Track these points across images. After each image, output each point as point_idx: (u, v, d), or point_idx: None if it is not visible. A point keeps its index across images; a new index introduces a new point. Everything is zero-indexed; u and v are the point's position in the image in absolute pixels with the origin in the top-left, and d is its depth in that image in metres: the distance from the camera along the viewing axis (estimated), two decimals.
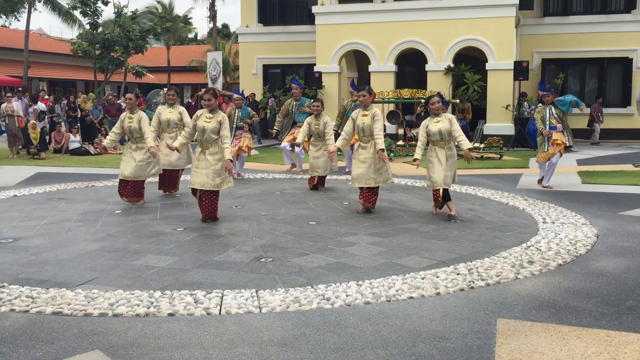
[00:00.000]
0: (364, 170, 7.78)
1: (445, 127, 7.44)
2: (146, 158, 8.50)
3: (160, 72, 34.69)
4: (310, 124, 10.01)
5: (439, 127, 7.48)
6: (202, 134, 7.22)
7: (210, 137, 7.18)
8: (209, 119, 7.22)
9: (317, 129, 9.97)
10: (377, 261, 5.55)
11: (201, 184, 7.15)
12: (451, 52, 18.49)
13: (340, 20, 19.38)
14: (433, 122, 7.57)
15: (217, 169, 7.16)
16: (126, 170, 8.43)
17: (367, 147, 7.84)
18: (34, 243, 6.29)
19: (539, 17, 20.67)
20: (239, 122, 11.49)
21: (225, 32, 47.59)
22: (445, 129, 7.43)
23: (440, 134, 7.47)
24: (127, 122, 8.55)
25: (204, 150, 7.23)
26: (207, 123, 7.19)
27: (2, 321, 4.07)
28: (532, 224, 7.17)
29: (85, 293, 4.60)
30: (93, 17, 22.87)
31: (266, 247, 6.06)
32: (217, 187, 7.17)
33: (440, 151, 7.51)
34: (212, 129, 7.15)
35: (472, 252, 5.87)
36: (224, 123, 7.19)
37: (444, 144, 7.51)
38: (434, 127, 7.51)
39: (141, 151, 8.49)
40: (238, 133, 11.47)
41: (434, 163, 7.52)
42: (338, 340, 3.75)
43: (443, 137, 7.46)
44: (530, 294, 4.61)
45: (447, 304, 4.40)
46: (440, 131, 7.46)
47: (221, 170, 7.19)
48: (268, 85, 22.31)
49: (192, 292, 4.63)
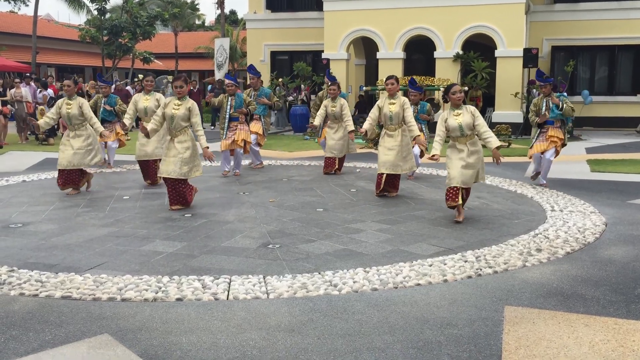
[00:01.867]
0: (392, 157, 7.84)
1: (466, 121, 6.55)
2: (85, 145, 8.22)
3: (168, 58, 34.66)
4: (327, 106, 10.08)
5: (460, 121, 6.56)
6: (171, 121, 7.13)
7: (180, 125, 7.10)
8: (178, 105, 7.13)
9: (333, 111, 10.06)
10: (384, 248, 5.55)
11: (168, 172, 7.06)
12: (460, 39, 18.34)
13: (348, 7, 19.25)
14: (453, 115, 6.63)
15: (185, 157, 7.06)
16: (64, 159, 8.13)
17: (394, 134, 7.90)
18: (42, 228, 6.33)
19: (549, 4, 20.45)
20: (232, 112, 9.89)
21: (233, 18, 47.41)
22: (467, 124, 6.55)
23: (461, 129, 6.57)
24: (65, 109, 8.22)
25: (173, 139, 7.14)
26: (175, 110, 7.11)
27: (11, 305, 4.11)
28: (540, 212, 7.14)
29: (94, 278, 4.63)
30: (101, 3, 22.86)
31: (274, 234, 6.07)
32: (184, 175, 7.09)
33: (461, 147, 6.63)
34: (181, 116, 7.08)
35: (479, 239, 5.86)
36: (194, 110, 7.15)
37: (466, 140, 6.61)
38: (454, 122, 6.59)
39: (80, 138, 8.21)
40: (233, 125, 9.89)
41: (452, 158, 6.65)
42: (345, 326, 3.76)
43: (464, 132, 6.59)
44: (538, 282, 4.60)
45: (455, 291, 4.40)
46: (461, 126, 6.56)
47: (189, 159, 7.10)
48: (276, 72, 22.24)
49: (200, 277, 4.65)
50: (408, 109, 7.86)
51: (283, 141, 16.38)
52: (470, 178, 6.59)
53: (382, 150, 7.97)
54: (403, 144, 7.93)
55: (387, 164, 7.83)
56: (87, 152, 8.24)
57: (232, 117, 9.84)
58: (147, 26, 23.47)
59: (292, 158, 12.58)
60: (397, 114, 7.85)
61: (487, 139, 6.59)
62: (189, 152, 7.11)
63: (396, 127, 7.92)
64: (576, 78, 20.55)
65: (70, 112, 8.20)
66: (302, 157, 12.64)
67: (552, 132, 8.83)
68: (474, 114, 6.59)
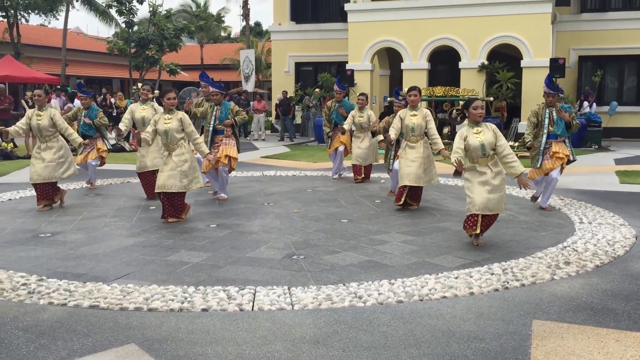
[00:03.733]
0: (414, 169, 7.76)
1: (488, 140, 5.83)
2: (57, 158, 7.93)
3: (194, 70, 35.04)
4: (354, 116, 10.12)
5: (481, 139, 5.82)
6: (165, 136, 7.07)
7: (175, 138, 7.05)
8: (168, 119, 7.08)
9: (360, 121, 10.14)
10: (409, 260, 5.51)
11: (167, 186, 6.97)
12: (485, 49, 18.25)
13: (372, 18, 19.30)
14: (472, 132, 5.89)
15: (184, 170, 7.03)
16: (34, 173, 7.81)
17: (415, 146, 7.85)
18: (71, 238, 6.42)
19: (576, 13, 20.25)
20: (217, 125, 8.61)
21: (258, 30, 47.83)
22: (489, 142, 5.83)
23: (483, 148, 5.83)
24: (35, 120, 7.91)
25: (170, 153, 7.09)
26: (167, 124, 7.05)
27: (41, 314, 4.17)
28: (569, 224, 7.03)
29: (121, 287, 4.68)
30: (128, 16, 23.26)
31: (298, 245, 6.07)
32: (184, 188, 7.06)
33: (483, 169, 5.91)
34: (175, 129, 7.04)
35: (506, 252, 5.79)
36: (185, 120, 7.11)
37: (487, 161, 5.89)
38: (475, 140, 5.83)
39: (51, 150, 7.92)
40: (217, 139, 8.60)
41: (472, 182, 5.92)
42: (370, 338, 3.74)
43: (486, 152, 5.86)
44: (566, 296, 4.52)
45: (481, 304, 4.35)
46: (483, 145, 5.82)
47: (189, 171, 7.07)
48: (300, 83, 22.36)
49: (225, 288, 4.67)
50: (431, 121, 7.82)
51: (307, 152, 16.42)
52: (498, 203, 5.88)
53: (403, 162, 7.88)
54: (425, 156, 7.86)
55: (410, 176, 7.75)
56: (58, 165, 7.94)
57: (217, 130, 8.63)
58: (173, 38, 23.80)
59: (316, 169, 12.60)
60: (420, 125, 7.81)
61: (511, 163, 5.86)
62: (187, 164, 7.06)
63: (418, 138, 7.87)
64: (604, 88, 20.27)
65: (40, 123, 7.88)
66: (327, 167, 12.65)
67: (556, 147, 7.73)
68: (496, 133, 5.91)
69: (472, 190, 5.90)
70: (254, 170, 12.32)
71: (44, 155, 7.91)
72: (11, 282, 4.83)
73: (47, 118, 7.91)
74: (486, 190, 5.84)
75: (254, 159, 14.86)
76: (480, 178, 5.89)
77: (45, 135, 7.96)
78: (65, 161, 8.05)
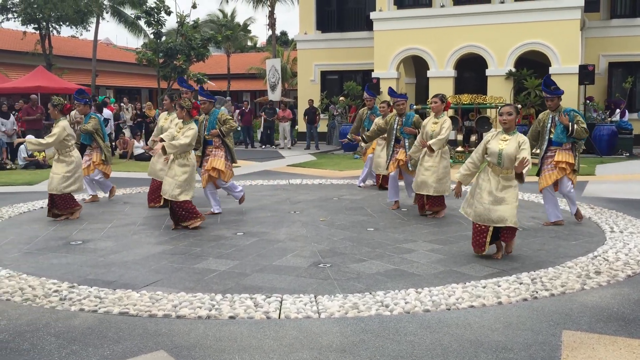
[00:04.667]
0: (427, 178, 7.75)
1: (508, 152, 5.56)
2: (63, 172, 7.96)
3: (221, 79, 35.43)
4: (378, 124, 10.10)
5: (502, 147, 5.60)
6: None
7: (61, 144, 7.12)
8: (181, 128, 7.24)
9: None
10: (436, 269, 5.48)
11: (164, 191, 7.23)
12: (513, 56, 18.09)
13: (398, 26, 19.28)
14: (499, 138, 5.71)
15: (179, 181, 7.13)
16: (49, 182, 8.06)
17: (433, 155, 7.79)
18: (101, 245, 6.53)
19: (605, 20, 19.95)
20: (207, 135, 8.15)
21: (284, 39, 48.18)
22: (508, 154, 5.56)
23: (500, 157, 5.61)
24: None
25: (175, 159, 7.22)
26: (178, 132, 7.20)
27: (72, 320, 4.25)
28: (599, 233, 6.92)
29: (150, 294, 4.74)
30: (157, 27, 23.60)
31: (324, 253, 6.08)
32: (173, 197, 7.17)
33: (493, 177, 5.71)
34: None
35: (535, 261, 5.72)
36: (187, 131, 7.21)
37: (501, 172, 5.67)
38: (496, 146, 5.65)
39: (61, 164, 8.01)
40: (207, 151, 8.17)
41: (482, 188, 5.75)
42: (397, 347, 3.73)
43: (502, 163, 5.63)
44: (597, 306, 4.45)
45: (510, 314, 4.30)
46: (501, 154, 5.60)
47: (184, 183, 7.16)
48: (326, 92, 22.42)
49: (252, 295, 4.70)
50: (445, 128, 7.71)
51: (333, 160, 16.44)
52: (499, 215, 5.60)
53: (419, 170, 7.89)
54: (441, 166, 7.78)
55: (422, 185, 7.76)
56: (63, 178, 7.96)
57: (206, 140, 8.18)
58: (201, 48, 24.07)
59: (342, 177, 12.61)
60: (437, 133, 7.76)
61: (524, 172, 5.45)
62: (186, 176, 7.18)
63: None
64: (635, 95, 19.91)
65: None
66: (353, 176, 12.65)
67: (559, 156, 7.14)
68: (521, 145, 5.55)
69: (480, 197, 5.72)
70: (280, 178, 12.38)
71: (54, 167, 8.05)
72: (43, 288, 4.93)
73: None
74: (490, 201, 5.64)
75: (280, 167, 14.93)
76: (489, 185, 5.69)
77: (58, 148, 8.06)
78: (72, 176, 8.03)
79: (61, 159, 8.03)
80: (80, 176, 8.23)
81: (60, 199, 8.00)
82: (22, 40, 26.09)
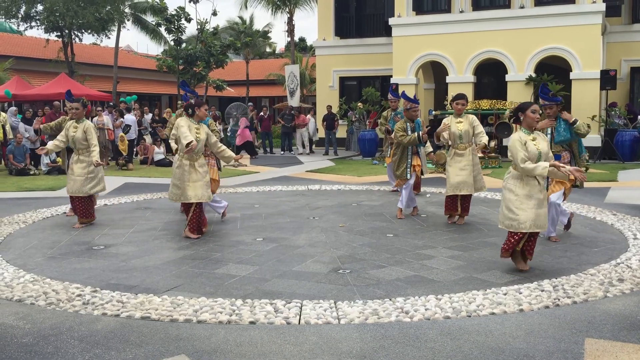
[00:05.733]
0: (465, 177, 7.72)
1: (545, 150, 5.38)
2: (86, 173, 7.95)
3: (240, 85, 35.60)
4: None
5: (539, 148, 5.34)
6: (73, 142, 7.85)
7: (202, 148, 7.14)
8: (198, 130, 7.08)
9: None
10: (456, 275, 5.46)
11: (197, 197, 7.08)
12: (533, 61, 17.98)
13: (417, 32, 19.28)
14: (530, 139, 5.37)
15: (207, 181, 7.21)
16: (67, 185, 8.06)
17: (464, 154, 7.78)
18: (123, 250, 6.60)
19: (627, 24, 19.75)
20: None
21: (303, 45, 48.31)
22: (545, 152, 5.38)
23: (540, 158, 5.32)
24: (71, 131, 8.02)
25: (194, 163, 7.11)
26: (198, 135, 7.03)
27: (95, 324, 4.30)
28: (622, 240, 6.83)
29: (171, 299, 4.78)
30: (177, 34, 23.84)
31: (344, 259, 6.08)
32: (209, 199, 7.26)
33: (532, 180, 5.37)
34: (203, 140, 7.12)
35: (556, 268, 5.66)
36: (209, 132, 7.22)
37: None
38: (534, 148, 5.32)
39: (81, 164, 7.98)
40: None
41: (518, 195, 5.37)
42: (417, 354, 3.72)
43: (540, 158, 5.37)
44: (620, 314, 4.39)
45: (531, 321, 4.27)
46: (541, 155, 5.33)
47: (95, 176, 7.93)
48: (344, 98, 22.45)
49: (272, 301, 4.71)
50: (478, 125, 7.74)
51: (352, 166, 16.45)
52: (545, 220, 5.46)
53: (453, 171, 7.80)
54: (474, 163, 7.80)
55: (461, 185, 7.70)
56: (87, 180, 7.96)
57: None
58: (220, 55, 24.26)
59: (361, 183, 12.60)
60: (467, 132, 7.74)
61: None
62: (208, 176, 7.29)
63: (466, 145, 7.79)
64: None
65: (75, 135, 7.99)
66: (372, 182, 12.65)
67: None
68: (548, 142, 5.57)
69: (518, 204, 5.33)
70: (299, 184, 12.41)
71: (75, 169, 8.03)
72: (67, 292, 5.00)
73: (81, 131, 7.98)
74: (534, 205, 5.33)
75: (299, 173, 14.97)
76: (527, 190, 5.34)
77: (79, 148, 8.05)
78: (95, 177, 8.05)
79: (81, 159, 8.02)
80: (102, 176, 8.28)
81: (81, 204, 8.02)
82: (45, 47, 26.50)
